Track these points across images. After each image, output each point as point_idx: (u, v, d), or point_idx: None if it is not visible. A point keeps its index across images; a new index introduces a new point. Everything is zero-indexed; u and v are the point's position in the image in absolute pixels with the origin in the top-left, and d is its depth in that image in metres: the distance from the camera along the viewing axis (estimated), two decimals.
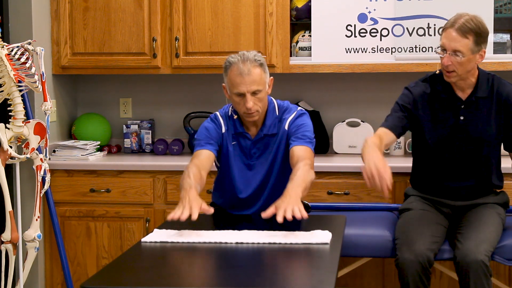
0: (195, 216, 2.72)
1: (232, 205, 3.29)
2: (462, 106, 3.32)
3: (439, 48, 3.23)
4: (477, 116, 3.32)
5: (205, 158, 3.14)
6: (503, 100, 3.32)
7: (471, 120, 3.31)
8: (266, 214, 2.76)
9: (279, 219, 2.67)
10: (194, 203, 2.77)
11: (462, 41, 3.16)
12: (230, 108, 3.24)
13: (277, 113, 3.22)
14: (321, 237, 2.72)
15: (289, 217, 2.67)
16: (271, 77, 3.18)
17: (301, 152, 3.09)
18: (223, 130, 3.21)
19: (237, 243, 2.68)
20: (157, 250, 2.66)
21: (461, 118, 3.32)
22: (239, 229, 2.84)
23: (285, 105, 3.26)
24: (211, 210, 2.81)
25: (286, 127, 3.20)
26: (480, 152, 3.34)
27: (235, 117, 3.20)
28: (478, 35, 3.17)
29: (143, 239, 2.75)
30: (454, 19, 3.20)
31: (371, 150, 3.10)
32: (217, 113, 3.28)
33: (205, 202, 2.84)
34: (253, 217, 3.19)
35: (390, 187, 2.99)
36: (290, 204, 2.73)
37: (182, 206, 2.78)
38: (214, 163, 3.24)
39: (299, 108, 3.26)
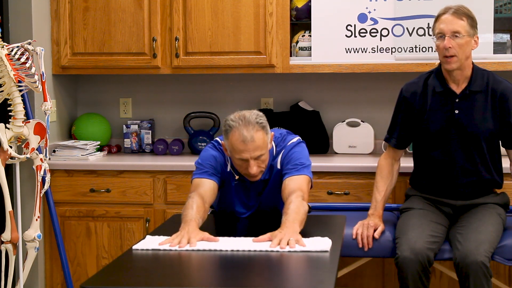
0: (193, 245, 2.64)
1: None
2: (457, 100, 3.33)
3: (436, 36, 3.30)
4: (472, 110, 3.33)
5: (210, 189, 3.04)
6: (498, 97, 3.33)
7: (466, 114, 3.32)
8: (257, 240, 2.70)
9: (273, 246, 2.61)
10: (193, 234, 2.70)
11: (459, 22, 3.26)
12: (230, 164, 3.12)
13: (274, 154, 3.13)
14: (320, 245, 2.65)
15: (283, 246, 2.60)
16: (272, 132, 3.07)
17: (292, 183, 3.00)
18: (228, 168, 3.12)
19: (232, 250, 2.61)
20: (155, 251, 2.65)
21: (456, 112, 3.33)
22: (237, 236, 2.78)
23: (280, 138, 3.16)
24: (217, 239, 2.72)
25: (279, 166, 3.11)
26: (477, 147, 3.34)
27: (237, 178, 3.11)
28: (471, 18, 3.30)
29: (134, 247, 2.65)
30: (445, 7, 3.32)
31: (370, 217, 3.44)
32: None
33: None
34: (251, 220, 3.18)
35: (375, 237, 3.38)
36: (287, 235, 2.66)
37: (180, 236, 2.70)
38: None
39: (292, 141, 3.14)
